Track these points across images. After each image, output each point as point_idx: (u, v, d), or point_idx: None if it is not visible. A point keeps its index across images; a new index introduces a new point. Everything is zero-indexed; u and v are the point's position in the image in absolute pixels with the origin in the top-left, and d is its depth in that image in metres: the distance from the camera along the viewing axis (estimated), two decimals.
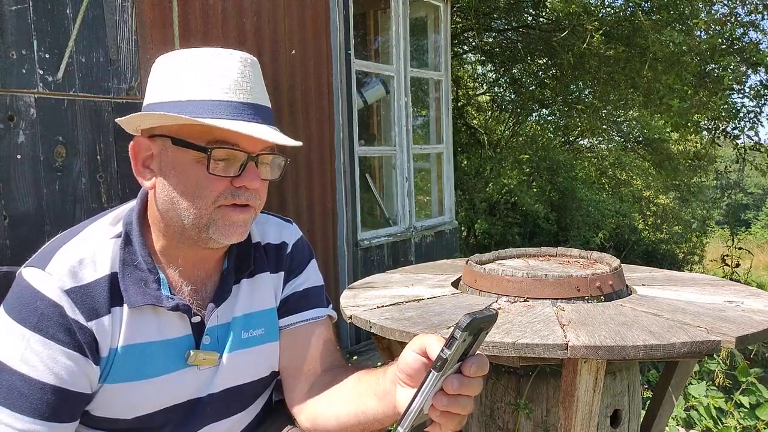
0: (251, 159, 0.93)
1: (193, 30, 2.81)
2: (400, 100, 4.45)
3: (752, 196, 27.47)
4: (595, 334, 1.28)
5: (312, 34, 3.55)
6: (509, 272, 1.63)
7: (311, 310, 1.14)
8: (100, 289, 0.92)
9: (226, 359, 1.04)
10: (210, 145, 0.89)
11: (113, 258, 0.95)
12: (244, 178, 0.92)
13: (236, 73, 0.92)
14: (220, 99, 0.89)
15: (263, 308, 1.09)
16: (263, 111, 0.94)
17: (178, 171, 0.92)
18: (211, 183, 0.91)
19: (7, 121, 2.22)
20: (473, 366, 0.72)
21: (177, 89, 0.91)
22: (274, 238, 1.15)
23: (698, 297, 1.64)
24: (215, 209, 0.93)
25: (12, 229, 2.24)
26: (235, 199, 0.93)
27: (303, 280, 1.16)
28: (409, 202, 4.53)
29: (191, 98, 0.89)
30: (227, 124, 0.87)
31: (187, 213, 0.93)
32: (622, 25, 6.74)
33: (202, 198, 0.92)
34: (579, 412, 1.36)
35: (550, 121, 10.02)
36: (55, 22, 2.33)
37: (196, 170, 0.91)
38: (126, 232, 0.98)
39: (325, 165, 3.68)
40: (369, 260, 4.05)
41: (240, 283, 1.07)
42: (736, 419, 2.45)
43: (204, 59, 0.92)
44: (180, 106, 0.89)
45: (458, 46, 8.50)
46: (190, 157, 0.91)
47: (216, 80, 0.91)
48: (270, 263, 1.12)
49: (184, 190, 0.92)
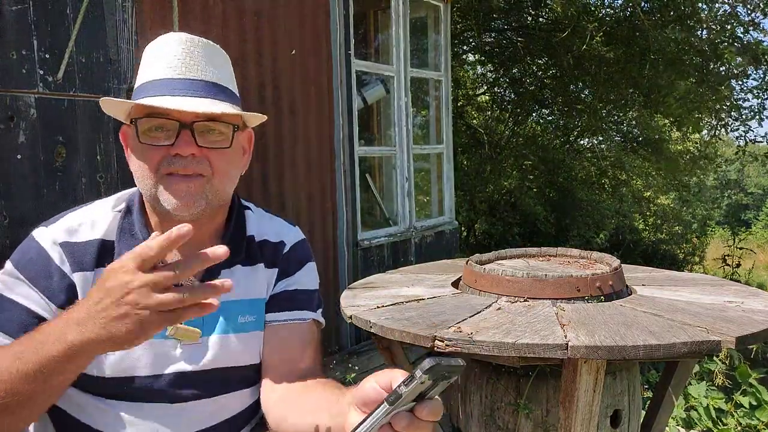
0: (184, 127, 0.98)
1: (193, 30, 2.79)
2: (400, 100, 4.45)
3: (752, 196, 27.45)
4: (595, 334, 1.28)
5: (312, 34, 3.55)
6: (509, 272, 1.63)
7: (296, 311, 1.15)
8: (91, 249, 1.03)
9: (218, 339, 1.06)
10: (140, 116, 0.99)
11: (110, 226, 1.06)
12: (177, 146, 0.98)
13: (175, 50, 1.01)
14: (155, 78, 1.00)
15: (255, 297, 1.12)
16: (205, 86, 1.01)
17: (131, 148, 1.04)
18: (146, 152, 0.99)
19: (7, 121, 2.22)
20: (426, 410, 0.71)
21: (138, 77, 1.04)
22: (273, 236, 1.18)
23: (698, 297, 1.64)
24: (159, 178, 0.99)
25: (12, 229, 2.24)
26: (171, 167, 0.98)
27: (295, 280, 1.17)
28: (409, 202, 4.53)
29: (141, 82, 1.02)
30: (149, 100, 0.97)
31: (141, 186, 1.02)
32: (622, 25, 6.74)
33: (145, 168, 1.00)
34: (579, 412, 1.36)
35: (550, 121, 10.02)
36: (55, 22, 2.33)
37: (136, 144, 1.01)
38: (127, 206, 1.09)
39: (325, 165, 3.67)
40: (369, 260, 4.05)
41: (234, 268, 1.10)
42: (735, 419, 2.45)
43: (155, 44, 1.04)
44: (136, 92, 1.03)
45: (458, 46, 8.50)
46: (132, 133, 1.02)
47: (155, 62, 1.02)
48: (266, 258, 1.15)
49: (135, 164, 1.02)
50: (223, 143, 1.02)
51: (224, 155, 1.03)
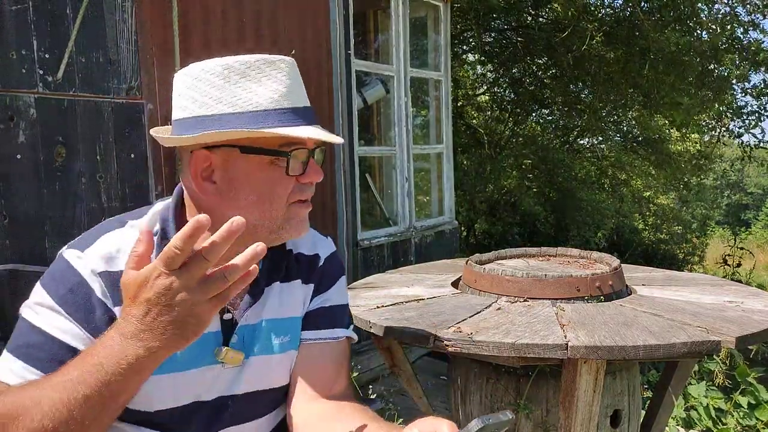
0: (312, 155, 0.99)
1: (193, 30, 2.81)
2: (400, 100, 4.45)
3: (752, 196, 27.46)
4: (595, 334, 1.28)
5: (312, 34, 3.55)
6: (509, 272, 1.63)
7: (332, 329, 1.13)
8: None
9: (254, 362, 1.03)
10: (284, 148, 0.95)
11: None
12: (310, 174, 0.98)
13: (288, 79, 0.97)
14: (280, 107, 0.95)
15: (292, 315, 1.09)
16: (311, 111, 1.00)
17: (252, 177, 0.95)
18: (282, 183, 0.96)
19: (7, 121, 2.22)
20: None
21: (236, 100, 0.94)
22: (308, 249, 1.15)
23: (698, 297, 1.64)
24: (288, 208, 0.98)
25: (12, 229, 2.24)
26: (302, 195, 0.99)
27: (330, 296, 1.15)
28: (409, 202, 4.53)
29: (254, 109, 0.93)
30: (299, 130, 0.94)
31: (264, 216, 0.96)
32: (622, 25, 6.74)
33: (278, 199, 0.97)
34: (579, 412, 1.36)
35: (550, 121, 10.02)
36: (55, 22, 2.33)
37: (269, 173, 0.95)
38: (162, 229, 1.01)
39: (325, 165, 3.66)
40: (369, 260, 4.05)
41: (272, 286, 1.07)
42: (735, 419, 2.45)
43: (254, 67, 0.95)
44: (244, 118, 0.93)
45: (458, 46, 8.50)
46: (264, 162, 0.95)
47: (272, 87, 0.95)
48: (302, 273, 1.12)
49: (260, 195, 0.95)
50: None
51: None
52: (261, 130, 0.91)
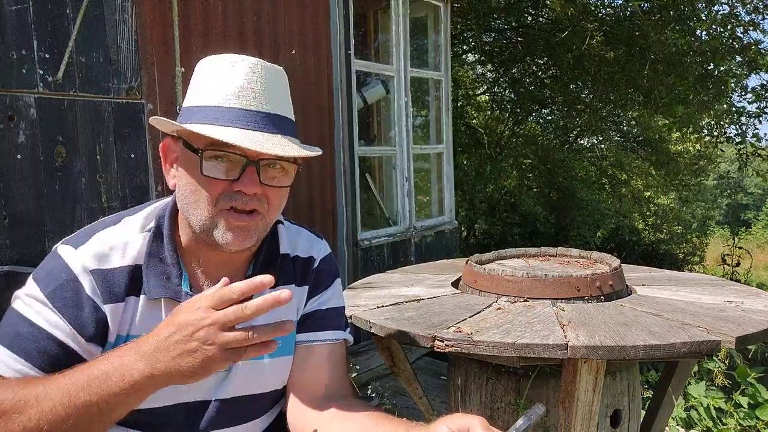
0: (251, 164, 0.93)
1: (193, 30, 2.81)
2: (400, 100, 4.45)
3: (752, 196, 27.47)
4: (595, 334, 1.28)
5: (312, 34, 3.55)
6: (509, 272, 1.63)
7: (329, 331, 1.12)
8: (122, 277, 0.96)
9: (243, 367, 1.03)
10: (209, 148, 0.92)
11: (140, 251, 0.99)
12: (241, 183, 0.93)
13: (242, 79, 0.94)
14: (222, 105, 0.92)
15: (288, 319, 1.09)
16: (271, 119, 0.94)
17: (186, 171, 0.96)
18: (206, 184, 0.93)
19: (7, 121, 2.22)
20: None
21: (196, 95, 0.96)
22: (304, 251, 1.14)
23: (698, 297, 1.64)
24: (218, 212, 0.94)
25: (12, 229, 2.24)
26: (233, 202, 0.94)
27: (326, 298, 1.15)
28: (409, 202, 4.53)
29: (202, 104, 0.94)
30: (217, 131, 0.90)
31: (194, 213, 0.96)
32: (622, 25, 6.74)
33: (202, 199, 0.94)
34: (579, 412, 1.36)
35: (550, 120, 10.02)
36: (55, 22, 2.33)
37: (196, 172, 0.94)
38: (157, 226, 1.01)
39: (325, 165, 3.68)
40: (369, 260, 4.05)
41: (264, 292, 1.07)
42: (735, 419, 2.45)
43: (219, 65, 0.95)
44: (193, 111, 0.94)
45: (458, 46, 8.50)
46: (194, 159, 0.94)
47: (221, 86, 0.93)
48: (297, 276, 1.11)
49: (190, 190, 0.95)
50: (284, 181, 0.98)
51: (282, 192, 0.99)
52: (188, 126, 0.92)
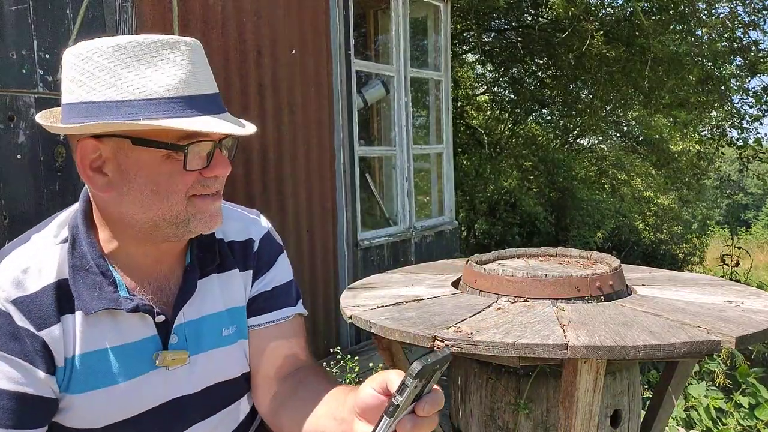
0: (217, 146, 0.91)
1: (193, 30, 2.81)
2: (400, 100, 4.45)
3: (752, 196, 27.47)
4: (595, 334, 1.28)
5: (312, 34, 3.55)
6: (509, 272, 1.63)
7: (279, 310, 1.11)
8: (47, 298, 0.89)
9: (202, 357, 1.02)
10: (182, 141, 0.87)
11: (60, 264, 0.91)
12: (215, 167, 0.91)
13: (189, 64, 0.87)
14: (176, 96, 0.85)
15: (235, 305, 1.07)
16: (217, 98, 0.92)
17: (146, 171, 0.87)
18: (183, 177, 0.89)
19: (7, 121, 2.22)
20: (426, 405, 0.72)
21: (126, 86, 0.84)
22: (239, 234, 1.10)
23: (698, 297, 1.64)
24: (189, 203, 0.91)
25: (12, 229, 2.24)
26: (204, 189, 0.92)
27: (271, 278, 1.12)
28: (409, 202, 4.53)
29: (147, 97, 0.84)
30: (197, 122, 0.85)
31: (160, 212, 0.90)
32: (622, 25, 6.74)
33: (176, 194, 0.89)
34: (579, 412, 1.36)
35: (550, 121, 10.02)
36: (55, 22, 2.33)
37: (166, 167, 0.88)
38: (72, 236, 0.94)
39: (325, 165, 3.68)
40: (369, 260, 4.05)
41: (209, 278, 1.04)
42: (735, 419, 2.45)
43: (149, 50, 0.85)
44: (134, 105, 0.83)
45: (458, 46, 8.50)
46: (159, 156, 0.87)
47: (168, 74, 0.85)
48: (238, 261, 1.08)
49: (155, 189, 0.88)
50: (230, 156, 0.97)
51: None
52: (151, 122, 0.82)
